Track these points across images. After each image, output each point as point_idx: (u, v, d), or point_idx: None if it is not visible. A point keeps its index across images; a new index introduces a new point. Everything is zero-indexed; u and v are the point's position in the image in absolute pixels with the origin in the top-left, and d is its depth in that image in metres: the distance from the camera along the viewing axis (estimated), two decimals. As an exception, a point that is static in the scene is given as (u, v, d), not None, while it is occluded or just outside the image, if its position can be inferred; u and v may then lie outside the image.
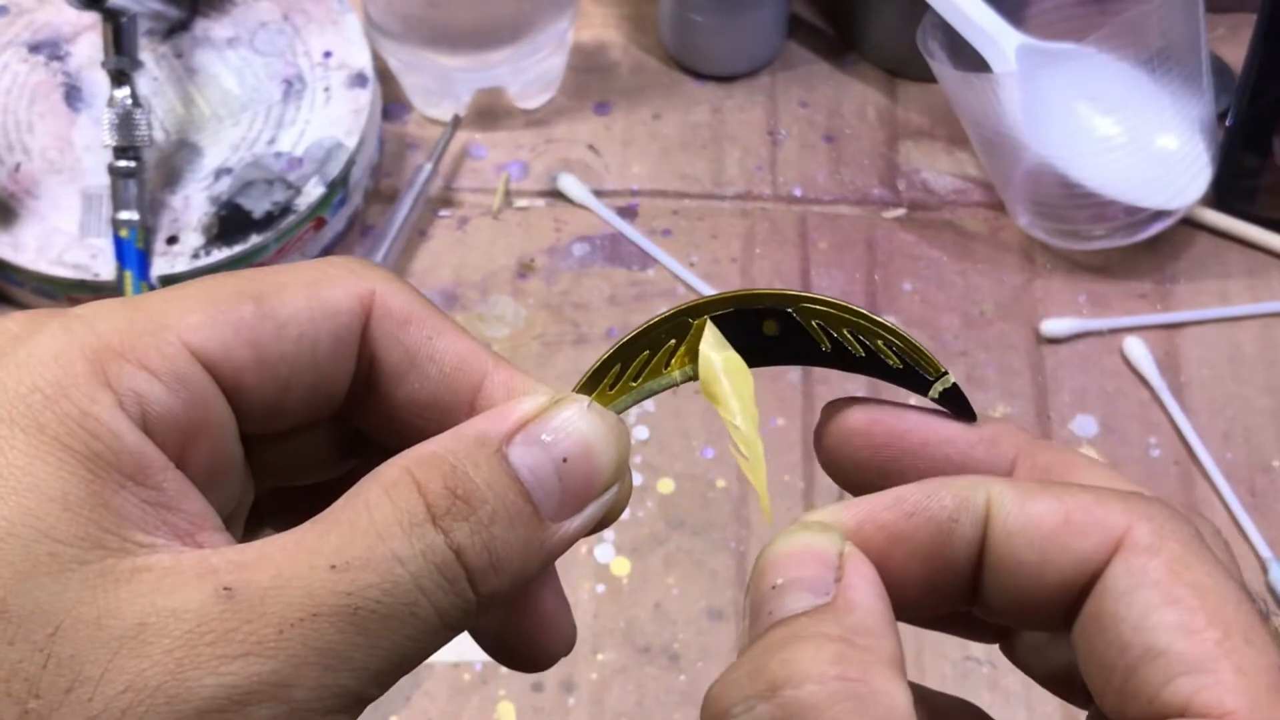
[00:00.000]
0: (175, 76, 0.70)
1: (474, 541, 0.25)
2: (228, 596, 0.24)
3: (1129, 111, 0.67)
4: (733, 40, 0.74)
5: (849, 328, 0.30)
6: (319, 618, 0.24)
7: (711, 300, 0.29)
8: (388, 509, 0.25)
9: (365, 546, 0.24)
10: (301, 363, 0.27)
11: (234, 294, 0.27)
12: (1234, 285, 0.69)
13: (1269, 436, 0.64)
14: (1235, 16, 0.76)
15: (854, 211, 0.71)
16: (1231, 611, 0.25)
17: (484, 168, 0.72)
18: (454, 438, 0.26)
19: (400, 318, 0.28)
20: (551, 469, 0.27)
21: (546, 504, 0.26)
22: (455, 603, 0.25)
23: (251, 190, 0.66)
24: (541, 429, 0.27)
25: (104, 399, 0.25)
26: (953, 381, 0.30)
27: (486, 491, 0.26)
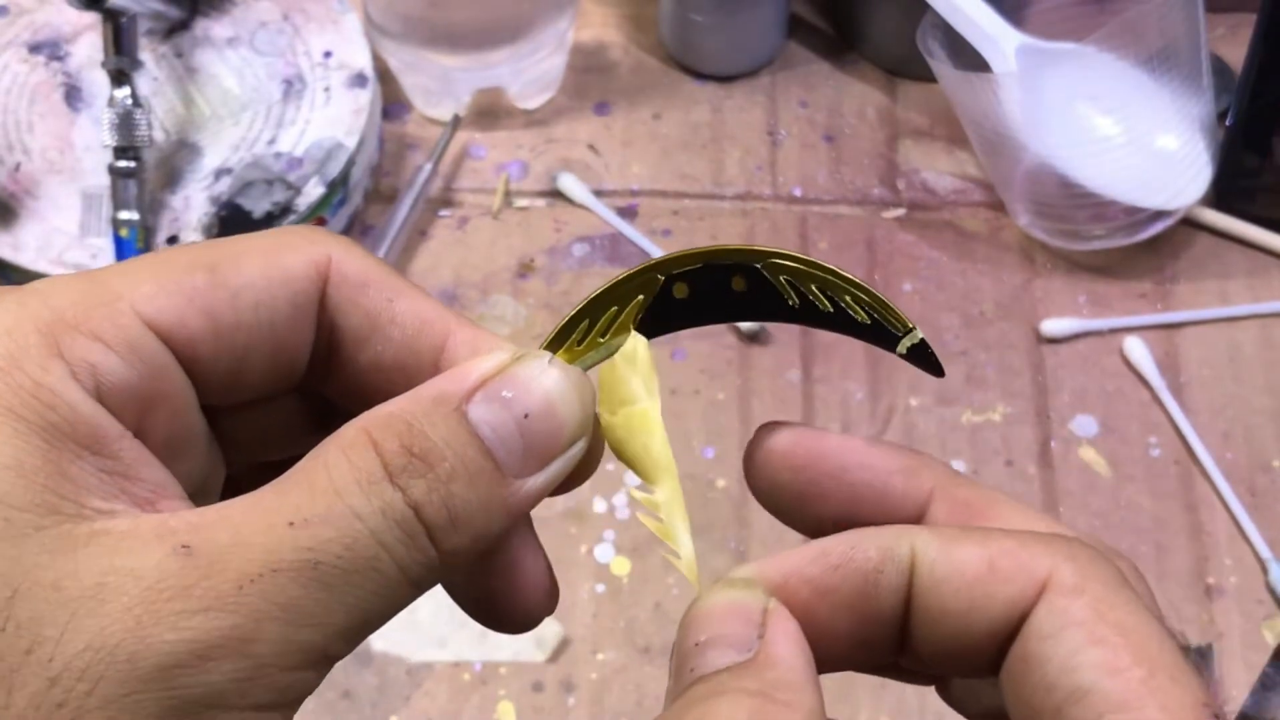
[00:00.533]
0: (175, 76, 0.70)
1: (431, 498, 0.25)
2: (186, 554, 0.24)
3: (1129, 111, 0.67)
4: (733, 40, 0.74)
5: (816, 283, 0.30)
6: (279, 573, 0.24)
7: (681, 256, 0.29)
8: (345, 468, 0.25)
9: (324, 504, 0.24)
10: (258, 330, 0.27)
11: (188, 264, 0.27)
12: (1234, 285, 0.69)
13: (1269, 436, 0.64)
14: (1235, 16, 0.76)
15: (854, 211, 0.71)
16: (1155, 650, 0.26)
17: (484, 168, 0.72)
18: (412, 398, 0.26)
19: (358, 281, 0.28)
20: (513, 425, 0.27)
21: (509, 460, 0.26)
22: (417, 558, 0.25)
23: (251, 190, 0.66)
24: (502, 386, 0.27)
25: (57, 369, 0.25)
26: (920, 337, 0.30)
27: (444, 449, 0.25)
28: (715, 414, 0.64)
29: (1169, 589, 0.60)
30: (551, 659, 0.58)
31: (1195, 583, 0.60)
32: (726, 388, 0.65)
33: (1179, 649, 0.26)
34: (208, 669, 0.23)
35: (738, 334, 0.67)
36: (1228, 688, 0.58)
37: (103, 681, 0.23)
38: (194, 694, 0.23)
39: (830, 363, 0.66)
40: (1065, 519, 0.62)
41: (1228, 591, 0.60)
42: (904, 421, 0.64)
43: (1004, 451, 0.64)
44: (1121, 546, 0.64)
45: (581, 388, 0.28)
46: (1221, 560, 0.61)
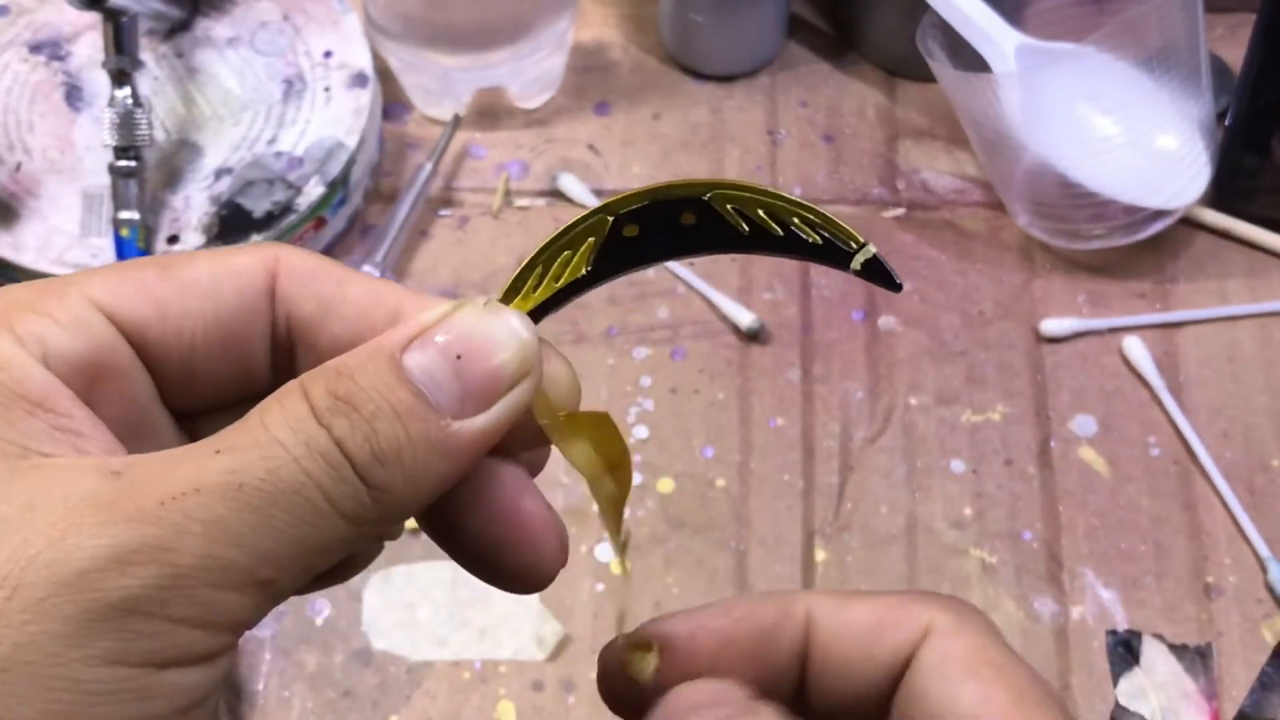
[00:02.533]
0: (176, 76, 0.70)
1: (354, 434, 0.26)
2: (115, 477, 0.25)
3: (1128, 111, 0.67)
4: (733, 40, 0.74)
5: (764, 209, 0.30)
6: (201, 492, 0.24)
7: (627, 196, 0.29)
8: (275, 411, 0.26)
9: (251, 436, 0.25)
10: (206, 318, 0.29)
11: (140, 264, 0.29)
12: (1233, 285, 0.69)
13: (1268, 436, 0.64)
14: (1235, 16, 0.76)
15: (853, 211, 0.71)
16: (1024, 682, 0.29)
17: (484, 167, 0.72)
18: (352, 352, 0.27)
19: (306, 272, 0.29)
20: (446, 366, 0.27)
21: (444, 401, 0.27)
22: (345, 490, 0.26)
23: (252, 190, 0.66)
24: (436, 331, 0.27)
25: (6, 339, 0.26)
26: (874, 252, 0.30)
27: (369, 392, 0.26)
28: (715, 414, 0.64)
29: (1168, 588, 0.60)
30: (551, 658, 0.58)
31: (1194, 582, 0.60)
32: (726, 387, 0.65)
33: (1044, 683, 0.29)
34: (125, 573, 0.24)
35: (738, 334, 0.67)
36: (1227, 687, 0.58)
37: (22, 586, 0.23)
38: (111, 598, 0.24)
39: (830, 362, 0.66)
40: (1065, 518, 0.62)
41: (1227, 591, 0.60)
42: (903, 421, 0.65)
43: (1003, 451, 0.64)
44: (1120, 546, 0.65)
45: (518, 327, 0.29)
46: (1221, 560, 0.61)
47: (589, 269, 0.30)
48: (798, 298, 0.68)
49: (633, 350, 0.66)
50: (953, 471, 0.63)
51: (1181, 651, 0.59)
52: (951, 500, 0.62)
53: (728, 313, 0.67)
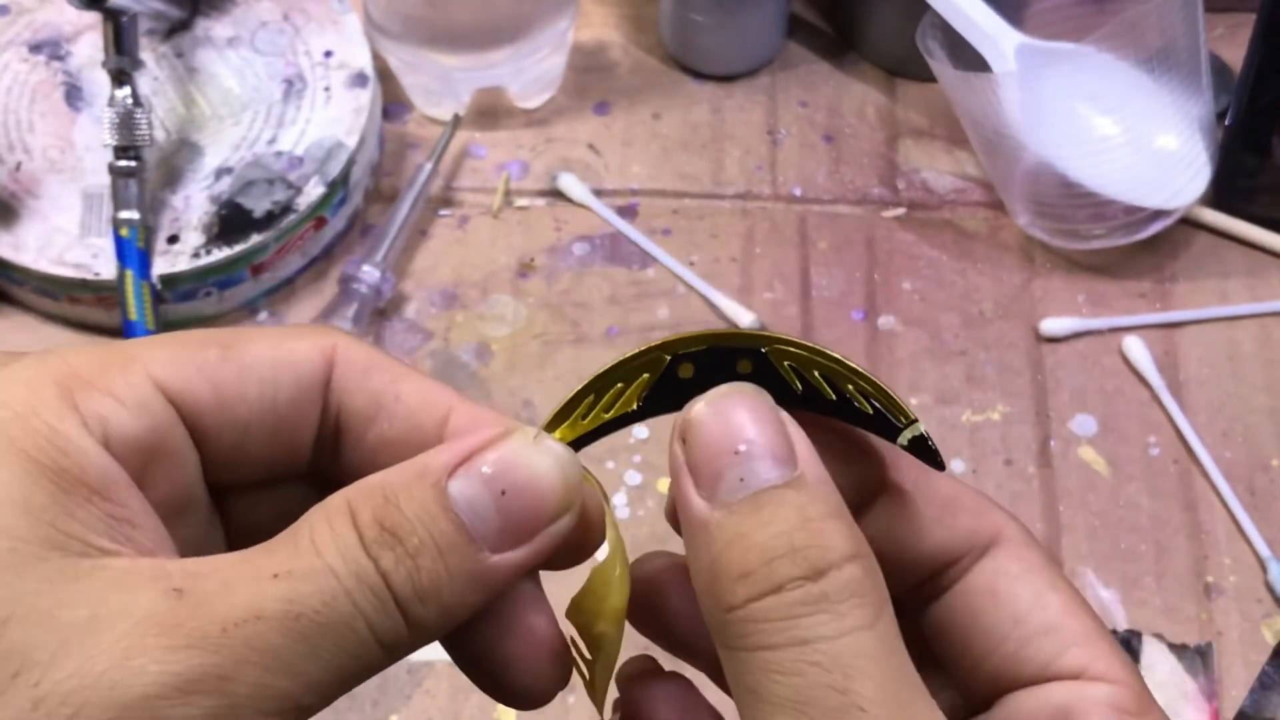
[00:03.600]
0: (176, 76, 0.70)
1: (399, 569, 0.26)
2: (177, 596, 0.25)
3: (1128, 111, 0.67)
4: (733, 40, 0.74)
5: (820, 370, 0.30)
6: (261, 620, 0.25)
7: (687, 337, 0.30)
8: (326, 533, 0.26)
9: (306, 561, 0.26)
10: (261, 403, 0.29)
11: (201, 340, 0.29)
12: (1233, 284, 0.69)
13: (1268, 435, 0.64)
14: (1235, 16, 0.76)
15: (853, 211, 0.71)
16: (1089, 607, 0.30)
17: (484, 167, 0.72)
18: (398, 470, 0.27)
19: (363, 366, 0.30)
20: (489, 500, 0.27)
21: (484, 534, 0.27)
22: (389, 624, 0.26)
23: (252, 189, 0.66)
24: (483, 461, 0.27)
25: (70, 419, 0.26)
26: (922, 429, 0.30)
27: (415, 523, 0.26)
28: (715, 413, 0.64)
29: (1168, 588, 0.60)
30: (552, 658, 0.58)
31: (1194, 582, 0.60)
32: (726, 387, 0.65)
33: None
34: (187, 702, 0.24)
35: (738, 333, 0.67)
36: (1227, 687, 0.58)
37: (86, 707, 0.24)
38: None
39: (830, 362, 0.66)
40: (1064, 518, 0.62)
41: (1227, 590, 0.60)
42: (904, 421, 0.65)
43: (1003, 451, 0.64)
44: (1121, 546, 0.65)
45: (566, 465, 0.29)
46: (1221, 559, 0.61)
47: (639, 404, 0.30)
48: (798, 297, 0.68)
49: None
50: (953, 471, 0.63)
51: (1181, 651, 0.59)
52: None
53: (728, 312, 0.67)
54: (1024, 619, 0.29)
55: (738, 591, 0.27)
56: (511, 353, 0.66)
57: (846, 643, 0.26)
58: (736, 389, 0.29)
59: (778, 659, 0.26)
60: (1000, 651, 0.30)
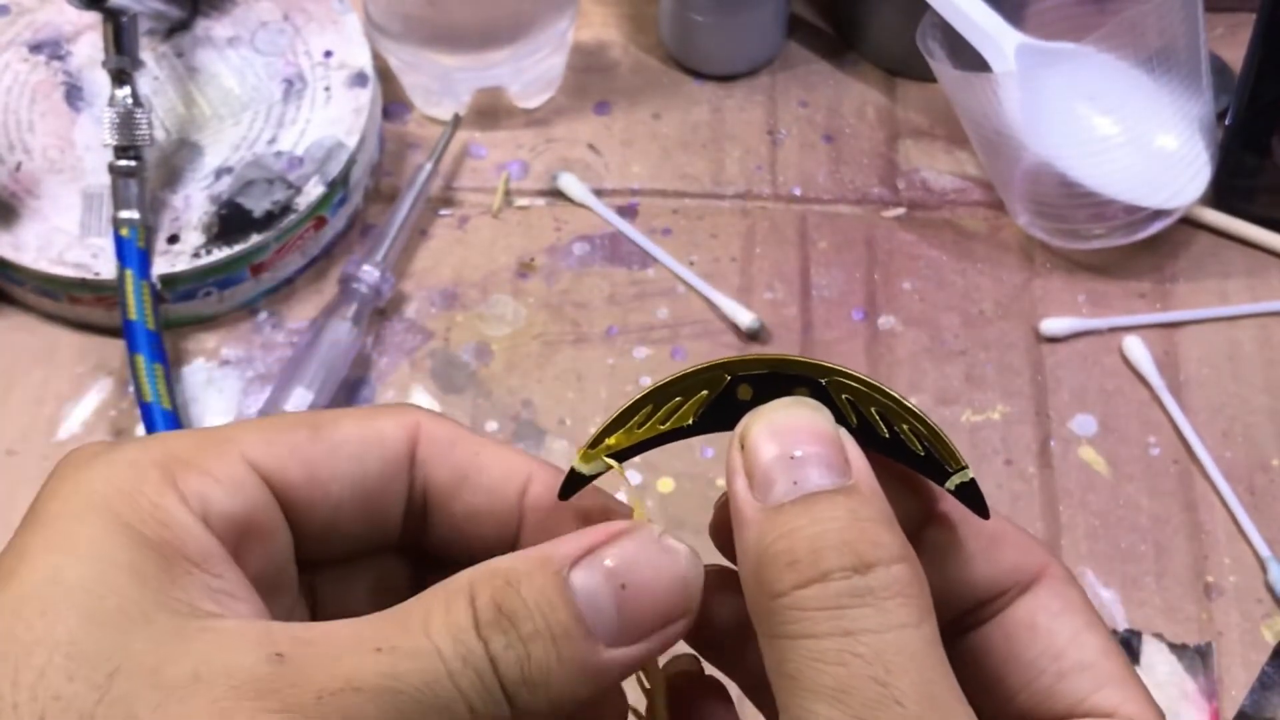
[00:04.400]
0: (176, 76, 0.70)
1: (509, 654, 0.26)
2: (279, 661, 0.25)
3: (1128, 111, 0.67)
4: (733, 40, 0.74)
5: (877, 408, 0.30)
6: (359, 692, 0.25)
7: (750, 359, 0.30)
8: (440, 614, 0.26)
9: (411, 639, 0.26)
10: (351, 481, 0.30)
11: (293, 423, 0.30)
12: (1233, 284, 0.69)
13: (1268, 435, 0.64)
14: (1235, 16, 0.76)
15: (853, 211, 0.71)
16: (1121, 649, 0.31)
17: (484, 167, 0.72)
18: (522, 556, 0.28)
19: (446, 441, 0.31)
20: (609, 594, 0.27)
21: (600, 628, 0.27)
22: (489, 707, 0.26)
23: (252, 189, 0.66)
24: (607, 554, 0.28)
25: (171, 496, 0.27)
26: (971, 476, 0.30)
27: (532, 609, 0.27)
28: (715, 413, 0.64)
29: (1168, 588, 0.60)
30: (551, 658, 0.58)
31: (1194, 582, 0.60)
32: (726, 387, 0.65)
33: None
34: None
35: (738, 333, 0.67)
36: (1227, 687, 0.58)
37: None
38: None
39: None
40: (1064, 518, 0.62)
41: (1227, 590, 0.60)
42: (903, 421, 0.65)
43: (1003, 451, 0.64)
44: (1120, 546, 0.65)
45: (689, 566, 0.29)
46: (1220, 559, 0.61)
47: (695, 420, 0.31)
48: (798, 297, 0.68)
49: (633, 350, 0.66)
50: (953, 471, 0.63)
51: (1181, 651, 0.59)
52: (951, 500, 0.62)
53: (728, 312, 0.67)
54: (1061, 655, 0.30)
55: (785, 578, 0.27)
56: (511, 353, 0.66)
57: (890, 638, 0.26)
58: (797, 402, 0.30)
59: (821, 647, 0.26)
60: (1035, 685, 0.30)
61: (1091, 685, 0.30)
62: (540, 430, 0.64)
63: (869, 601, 0.26)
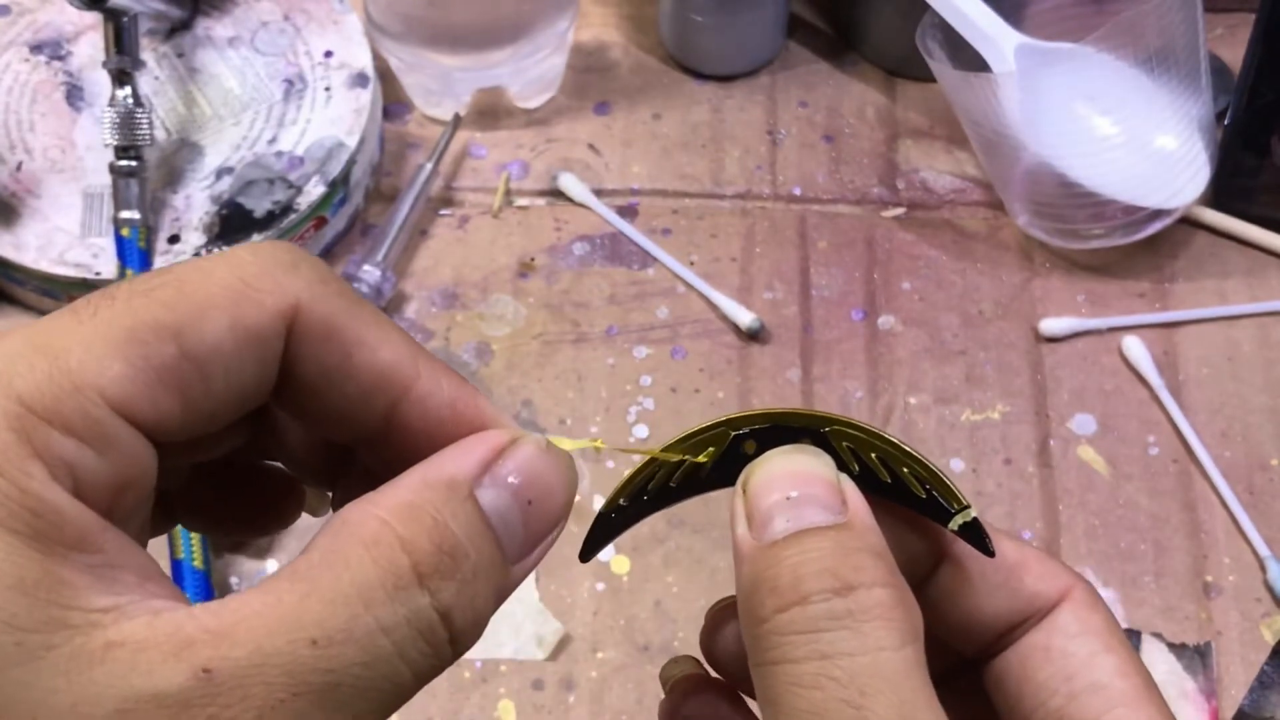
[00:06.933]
0: (176, 76, 0.70)
1: (460, 601, 0.25)
2: (208, 679, 0.23)
3: (1128, 111, 0.67)
4: (733, 40, 0.74)
5: (878, 453, 0.31)
6: (300, 697, 0.23)
7: (751, 415, 0.31)
8: (370, 570, 0.24)
9: (348, 616, 0.24)
10: (227, 397, 0.27)
11: (153, 330, 0.25)
12: (1232, 284, 0.69)
13: (1267, 435, 0.64)
14: (1234, 16, 0.76)
15: (853, 211, 0.71)
16: (1143, 668, 0.31)
17: (484, 167, 0.73)
18: (425, 484, 0.26)
19: (320, 334, 0.27)
20: (517, 512, 0.26)
21: (511, 546, 0.26)
22: (433, 664, 0.25)
23: (253, 189, 0.66)
24: (506, 470, 0.27)
25: (37, 472, 0.24)
26: (973, 515, 0.31)
27: (468, 545, 0.25)
28: (715, 413, 0.64)
29: (1167, 587, 0.60)
30: (552, 657, 0.58)
31: (1194, 581, 0.60)
32: (726, 386, 0.65)
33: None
34: None
35: (738, 333, 0.67)
36: (1226, 686, 0.58)
37: None
38: None
39: (830, 361, 0.66)
40: (1064, 517, 0.62)
41: (1226, 590, 0.60)
42: (903, 420, 0.65)
43: (1003, 450, 0.64)
44: (1120, 545, 0.65)
45: (572, 472, 0.28)
46: (1220, 559, 0.61)
47: (704, 476, 0.31)
48: (797, 297, 0.68)
49: (633, 349, 0.66)
50: (952, 470, 0.63)
51: (1181, 650, 0.59)
52: (951, 499, 0.62)
53: (728, 312, 0.67)
54: (1074, 676, 0.30)
55: (766, 604, 0.27)
56: (511, 352, 0.66)
57: (866, 661, 0.26)
58: (798, 449, 0.30)
59: (798, 672, 0.26)
60: (1048, 706, 0.30)
61: (1103, 706, 0.30)
62: (541, 430, 0.64)
63: (847, 624, 0.26)
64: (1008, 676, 0.31)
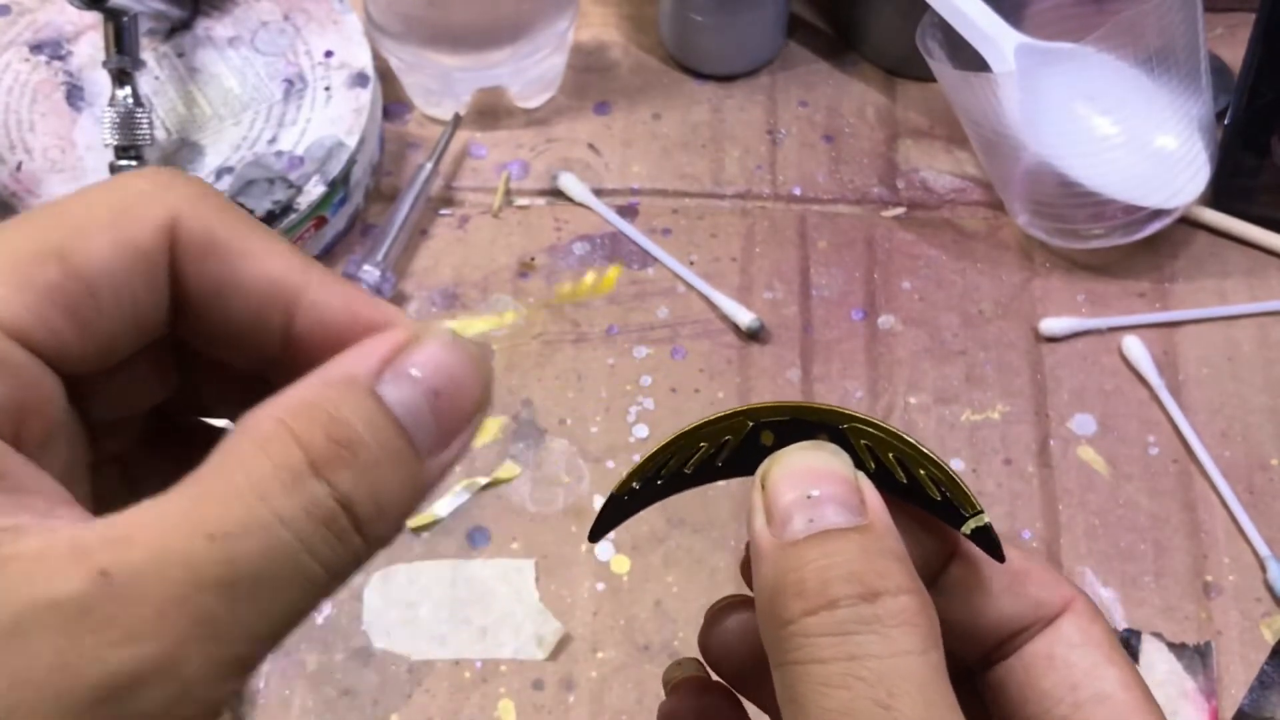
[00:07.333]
0: (177, 76, 0.70)
1: (359, 489, 0.24)
2: (106, 581, 0.22)
3: (1127, 111, 0.67)
4: (733, 40, 0.74)
5: (895, 453, 0.31)
6: (201, 592, 0.23)
7: (772, 406, 0.31)
8: (264, 465, 0.24)
9: (244, 510, 0.23)
10: (119, 314, 0.26)
11: (36, 254, 0.25)
12: (1232, 284, 0.69)
13: (1267, 435, 0.64)
14: (1234, 16, 0.76)
15: (853, 210, 0.71)
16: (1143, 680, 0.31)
17: (484, 167, 0.73)
18: (323, 383, 0.26)
19: (201, 246, 0.27)
20: (424, 404, 0.26)
21: (422, 439, 0.26)
22: (342, 554, 0.24)
23: (253, 189, 0.66)
24: (409, 363, 0.26)
25: None
26: (986, 521, 0.31)
27: (366, 434, 0.25)
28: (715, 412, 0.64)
29: (1167, 587, 0.60)
30: (552, 657, 0.58)
31: (1193, 581, 0.60)
32: (726, 386, 0.65)
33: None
34: (137, 697, 0.22)
35: (738, 333, 0.67)
36: (1226, 686, 0.58)
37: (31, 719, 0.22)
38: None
39: (830, 361, 0.66)
40: (1064, 517, 0.62)
41: (1226, 590, 0.60)
42: (903, 420, 0.65)
43: (1003, 450, 0.64)
44: (1120, 545, 0.65)
45: (482, 360, 0.28)
46: (1220, 558, 0.61)
47: (721, 464, 0.32)
48: (797, 297, 0.68)
49: (633, 349, 0.66)
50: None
51: (1181, 650, 0.59)
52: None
53: (728, 312, 0.67)
54: (1078, 686, 0.31)
55: (793, 606, 0.27)
56: (511, 352, 0.66)
57: (894, 663, 0.27)
58: (817, 445, 0.30)
59: (826, 672, 0.27)
60: (1052, 714, 0.31)
61: (1108, 716, 0.30)
62: (540, 429, 0.64)
63: (874, 629, 0.27)
64: (1009, 684, 0.32)
